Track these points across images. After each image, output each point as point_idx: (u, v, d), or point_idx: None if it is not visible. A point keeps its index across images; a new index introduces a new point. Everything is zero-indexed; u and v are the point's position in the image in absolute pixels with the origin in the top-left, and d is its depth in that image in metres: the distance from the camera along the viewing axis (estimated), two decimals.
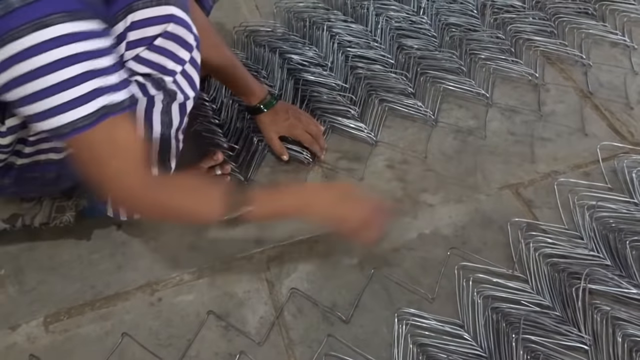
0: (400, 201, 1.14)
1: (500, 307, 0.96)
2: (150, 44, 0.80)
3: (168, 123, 0.89)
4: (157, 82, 0.83)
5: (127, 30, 0.77)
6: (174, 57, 0.82)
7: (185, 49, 0.83)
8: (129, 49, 0.79)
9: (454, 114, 1.32)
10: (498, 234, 1.08)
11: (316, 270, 1.03)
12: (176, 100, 0.87)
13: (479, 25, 1.52)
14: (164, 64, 0.82)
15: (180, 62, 0.83)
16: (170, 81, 0.84)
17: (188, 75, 0.86)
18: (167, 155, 0.94)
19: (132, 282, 1.01)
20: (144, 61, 0.81)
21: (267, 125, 1.17)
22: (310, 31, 1.49)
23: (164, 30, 0.79)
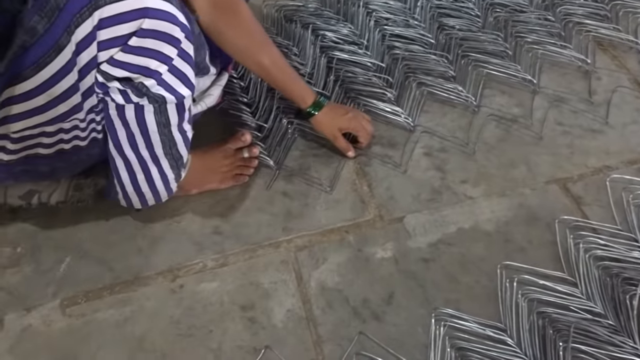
0: (438, 192, 1.06)
1: (547, 311, 0.88)
2: (124, 44, 0.71)
3: (165, 123, 0.82)
4: (137, 88, 0.75)
5: (95, 28, 0.69)
6: (156, 55, 0.74)
7: (170, 44, 0.74)
8: (102, 50, 0.71)
9: (496, 100, 1.24)
10: (544, 232, 1.00)
11: (347, 263, 0.96)
12: (168, 102, 0.80)
13: (527, 6, 1.42)
14: (145, 64, 0.74)
15: (166, 60, 0.75)
16: (154, 84, 0.76)
17: (179, 72, 0.78)
18: (174, 148, 0.88)
19: (152, 267, 0.96)
20: (119, 64, 0.73)
21: (327, 124, 1.07)
22: (345, 7, 1.41)
23: (138, 28, 0.71)
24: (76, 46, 0.69)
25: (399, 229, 1.01)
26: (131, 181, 0.89)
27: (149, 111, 0.79)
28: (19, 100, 0.72)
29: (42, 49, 0.68)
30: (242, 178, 1.07)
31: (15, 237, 0.99)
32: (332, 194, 1.06)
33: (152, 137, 0.83)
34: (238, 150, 1.08)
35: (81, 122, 0.80)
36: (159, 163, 0.88)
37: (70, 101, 0.75)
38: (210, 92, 1.01)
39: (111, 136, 0.83)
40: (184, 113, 0.83)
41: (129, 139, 0.83)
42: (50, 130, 0.79)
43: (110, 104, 0.79)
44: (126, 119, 0.80)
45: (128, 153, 0.85)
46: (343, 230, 1.01)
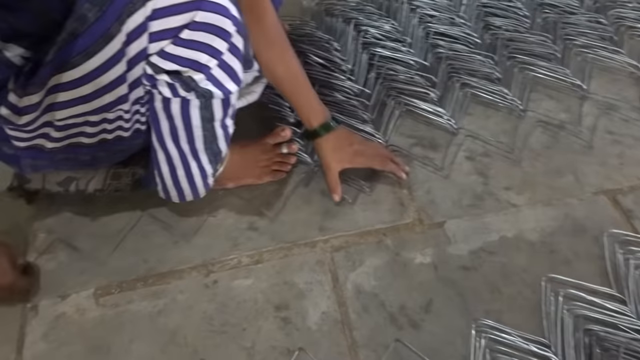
0: (480, 198, 1.03)
1: (594, 329, 0.84)
2: (176, 36, 0.69)
3: (209, 117, 0.80)
4: (186, 83, 0.73)
5: (148, 19, 0.67)
6: (207, 49, 0.71)
7: (221, 37, 0.72)
8: (153, 42, 0.69)
9: (543, 105, 1.19)
10: (591, 245, 0.96)
11: (384, 266, 0.94)
12: (215, 97, 0.78)
13: (577, 8, 1.36)
14: (195, 58, 0.72)
15: (216, 54, 0.73)
16: (203, 79, 0.74)
17: (227, 67, 0.75)
18: (214, 143, 0.86)
19: (187, 260, 0.95)
20: (170, 57, 0.71)
21: (329, 152, 0.99)
22: (388, 2, 1.37)
23: (191, 20, 0.69)
24: (126, 36, 0.68)
25: (439, 234, 0.98)
26: (171, 175, 0.88)
27: (194, 106, 0.77)
28: (66, 88, 0.71)
29: (92, 38, 0.67)
30: (279, 174, 1.05)
31: (51, 224, 0.99)
32: (371, 195, 1.04)
33: (194, 132, 0.81)
34: (277, 146, 1.06)
35: (126, 113, 0.79)
36: (198, 157, 0.86)
37: (116, 92, 0.73)
38: (253, 89, 0.99)
39: (154, 129, 0.82)
40: (229, 108, 0.81)
41: (172, 132, 0.82)
42: (94, 119, 0.78)
43: (156, 96, 0.77)
44: (171, 112, 0.78)
45: (170, 146, 0.84)
46: (381, 232, 0.98)
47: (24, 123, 0.75)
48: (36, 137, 0.79)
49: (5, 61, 0.71)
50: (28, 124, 0.75)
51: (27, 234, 0.98)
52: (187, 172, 0.87)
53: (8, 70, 0.72)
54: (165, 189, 0.91)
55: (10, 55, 0.70)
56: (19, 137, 0.78)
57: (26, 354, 0.84)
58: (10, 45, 0.70)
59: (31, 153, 0.82)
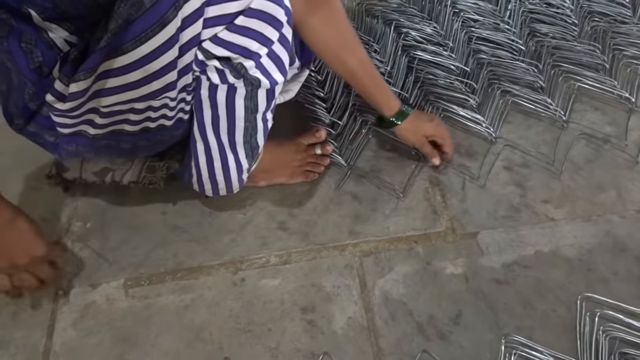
0: (517, 210, 1.00)
1: (631, 354, 0.81)
2: (231, 22, 0.69)
3: (253, 108, 0.80)
4: (236, 69, 0.73)
5: (204, 4, 0.67)
6: (258, 37, 0.71)
7: (273, 26, 0.72)
8: (207, 27, 0.69)
9: (588, 116, 1.15)
10: (632, 264, 0.92)
11: (414, 275, 0.92)
12: (261, 87, 0.77)
13: (629, 17, 1.31)
14: (246, 45, 0.71)
15: (267, 42, 0.72)
16: (253, 66, 0.73)
17: (276, 57, 0.75)
18: (254, 137, 0.86)
19: (216, 257, 0.95)
20: (222, 43, 0.71)
21: (413, 132, 1.01)
22: (431, 5, 1.34)
23: (247, 7, 0.69)
24: (182, 22, 0.67)
25: (472, 245, 0.96)
26: (208, 167, 0.88)
27: (240, 95, 0.77)
28: (115, 74, 0.71)
29: (146, 23, 0.66)
30: (312, 175, 1.04)
31: (86, 213, 1.01)
32: (403, 201, 1.02)
33: (236, 123, 0.81)
34: (310, 146, 1.05)
35: (171, 101, 0.79)
36: (236, 150, 0.86)
37: (165, 78, 0.73)
38: (290, 87, 0.98)
39: (197, 118, 0.82)
40: (272, 100, 0.81)
41: (214, 122, 0.82)
42: (140, 107, 0.78)
43: (204, 83, 0.77)
44: (216, 100, 0.78)
45: (210, 137, 0.84)
46: (412, 240, 0.97)
47: (69, 109, 0.76)
48: (80, 124, 0.80)
49: (48, 42, 0.71)
50: (73, 109, 0.76)
51: (63, 221, 1.00)
52: (224, 165, 0.88)
53: (51, 53, 0.73)
54: (201, 181, 0.91)
55: (54, 36, 0.71)
56: (64, 123, 0.79)
57: (56, 340, 0.86)
58: (54, 26, 0.70)
59: (74, 139, 0.83)
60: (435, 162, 1.04)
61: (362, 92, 0.98)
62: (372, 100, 0.99)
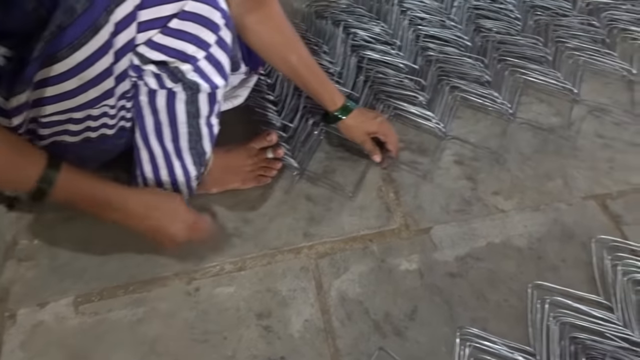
0: (468, 203, 1.02)
1: (580, 337, 0.83)
2: (165, 25, 0.68)
3: (195, 113, 0.79)
4: (173, 73, 0.72)
5: (137, 8, 0.66)
6: (195, 40, 0.70)
7: (209, 29, 0.71)
8: (141, 31, 0.68)
9: (534, 108, 1.18)
10: (579, 251, 0.95)
11: (370, 273, 0.92)
12: (201, 91, 0.76)
13: (570, 10, 1.35)
14: (182, 49, 0.71)
15: (204, 45, 0.71)
16: (190, 70, 0.72)
17: (215, 61, 0.74)
18: (199, 143, 0.85)
19: (169, 267, 0.93)
20: (157, 47, 0.70)
21: (356, 128, 1.02)
22: (379, 4, 1.36)
23: (181, 10, 0.68)
24: (115, 26, 0.66)
25: (426, 240, 0.97)
26: (154, 176, 0.87)
27: (180, 100, 0.76)
28: (51, 82, 0.69)
29: (79, 29, 0.65)
30: (265, 179, 1.04)
31: (33, 229, 0.98)
32: (357, 200, 1.02)
33: (179, 128, 0.80)
34: (262, 150, 1.04)
35: (111, 109, 0.78)
36: (182, 157, 0.85)
37: (102, 86, 0.72)
38: (239, 92, 0.98)
39: (139, 125, 0.81)
40: (215, 105, 0.80)
41: (156, 128, 0.80)
42: (78, 116, 0.76)
43: (142, 89, 0.76)
44: (156, 106, 0.77)
45: (153, 144, 0.83)
46: (367, 238, 0.97)
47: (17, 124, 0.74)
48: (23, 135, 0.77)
49: None
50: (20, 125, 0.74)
51: (8, 239, 0.96)
52: (171, 173, 0.86)
53: None
54: None
55: None
56: None
57: None
58: None
59: None
60: (376, 159, 1.05)
61: (306, 88, 0.99)
62: (316, 96, 1.00)
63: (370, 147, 1.04)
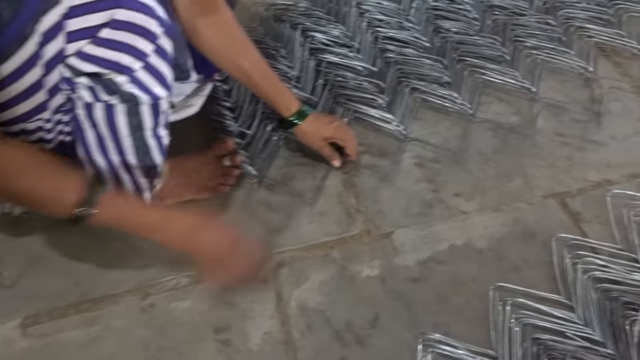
0: (430, 206, 1.01)
1: (542, 338, 0.82)
2: (94, 36, 0.65)
3: (138, 126, 0.76)
4: (107, 85, 0.69)
5: (64, 17, 0.63)
6: (130, 50, 0.67)
7: (146, 38, 0.68)
8: (71, 42, 0.65)
9: (493, 108, 1.18)
10: (540, 250, 0.94)
11: (330, 281, 0.91)
12: (142, 103, 0.73)
13: (527, 9, 1.35)
14: (116, 59, 0.68)
15: (141, 55, 0.68)
16: (126, 82, 0.69)
17: (154, 70, 0.71)
18: (147, 155, 0.81)
19: (122, 284, 0.90)
20: (89, 58, 0.67)
21: (312, 133, 1.01)
22: (337, 7, 1.34)
23: (111, 19, 0.65)
24: (42, 36, 0.63)
25: (387, 245, 0.95)
26: None
27: (120, 111, 0.73)
28: None
29: (5, 40, 0.61)
30: (223, 188, 1.01)
31: None
32: (317, 207, 1.00)
33: (123, 142, 0.77)
34: (219, 159, 1.02)
35: (46, 123, 0.74)
36: (131, 171, 0.81)
37: (34, 99, 0.68)
38: (193, 101, 0.95)
39: (79, 139, 0.77)
40: (159, 116, 0.77)
41: (99, 142, 0.77)
42: (14, 130, 0.72)
43: (78, 102, 0.72)
44: (95, 119, 0.74)
45: (97, 158, 0.79)
46: (327, 245, 0.95)
47: None
48: None
49: None
50: None
51: None
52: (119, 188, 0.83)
53: None
54: None
55: None
56: None
57: None
58: None
59: None
60: (335, 164, 1.04)
61: (260, 94, 0.97)
62: (270, 102, 0.98)
63: (328, 152, 1.03)
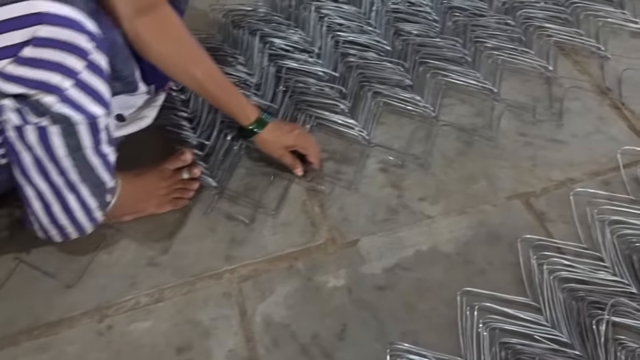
0: (395, 211, 0.99)
1: (510, 342, 0.82)
2: (16, 55, 0.62)
3: (76, 146, 0.72)
4: (35, 107, 0.65)
5: None
6: (58, 68, 0.64)
7: (75, 55, 0.65)
8: None
9: (456, 110, 1.17)
10: (506, 252, 0.94)
11: (296, 293, 0.88)
12: (78, 122, 0.70)
13: (486, 10, 1.36)
14: (43, 79, 0.64)
15: (70, 73, 0.65)
16: (56, 102, 0.66)
17: (88, 88, 0.68)
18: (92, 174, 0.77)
19: (78, 306, 0.86)
20: (12, 78, 0.63)
21: (273, 142, 0.98)
22: (297, 11, 1.32)
23: (33, 36, 0.62)
24: None
25: (353, 253, 0.93)
26: (46, 213, 0.79)
27: (54, 133, 0.69)
28: None
29: None
30: (181, 202, 0.98)
31: None
32: (281, 217, 0.98)
33: (62, 163, 0.73)
34: (177, 171, 0.99)
35: None
36: (77, 190, 0.78)
37: None
38: (145, 113, 0.92)
39: (15, 161, 0.73)
40: (99, 134, 0.73)
41: (37, 164, 0.73)
42: None
43: (7, 125, 0.68)
44: (28, 142, 0.70)
45: (37, 181, 0.75)
46: (292, 257, 0.93)
47: None
48: None
49: None
50: None
51: None
52: (65, 208, 0.79)
53: None
54: (43, 227, 0.81)
55: None
56: None
57: None
58: None
59: None
60: (297, 173, 1.02)
61: (217, 103, 0.95)
62: (228, 111, 0.96)
63: (289, 161, 1.00)
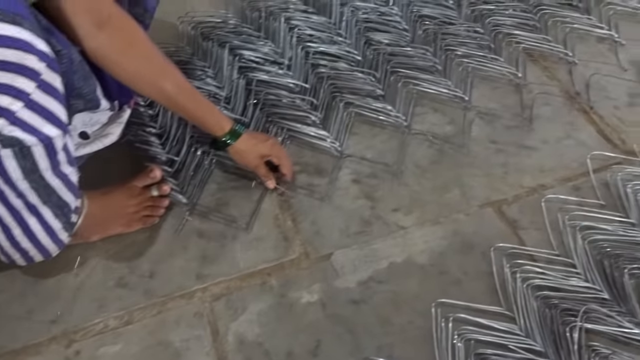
0: (368, 223, 0.99)
1: (486, 353, 0.81)
2: None
3: (32, 169, 0.69)
4: None
5: None
6: (7, 90, 0.62)
7: (25, 76, 0.63)
8: None
9: (428, 118, 1.17)
10: (480, 261, 0.94)
11: (269, 311, 0.87)
12: (30, 145, 0.67)
13: (456, 18, 1.37)
14: None
15: (20, 95, 0.62)
16: (5, 125, 0.63)
17: (40, 109, 0.65)
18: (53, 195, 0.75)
19: (45, 331, 0.83)
20: None
21: (248, 152, 0.97)
22: (267, 23, 1.31)
23: None
24: None
25: (327, 267, 0.92)
26: (6, 237, 0.76)
27: (6, 156, 0.66)
28: None
29: None
30: (151, 220, 0.96)
31: None
32: (253, 232, 0.97)
33: (19, 186, 0.70)
34: (146, 189, 0.97)
35: None
36: (38, 213, 0.75)
37: None
38: (110, 130, 0.89)
39: None
40: (57, 155, 0.71)
41: None
42: None
43: None
44: None
45: None
46: (265, 273, 0.92)
47: None
48: None
49: None
50: None
51: None
52: (27, 231, 0.76)
53: None
54: (4, 252, 0.78)
55: None
56: None
57: None
58: None
59: None
60: (269, 186, 1.01)
61: (188, 116, 0.92)
62: (201, 123, 0.93)
63: (263, 172, 0.99)
